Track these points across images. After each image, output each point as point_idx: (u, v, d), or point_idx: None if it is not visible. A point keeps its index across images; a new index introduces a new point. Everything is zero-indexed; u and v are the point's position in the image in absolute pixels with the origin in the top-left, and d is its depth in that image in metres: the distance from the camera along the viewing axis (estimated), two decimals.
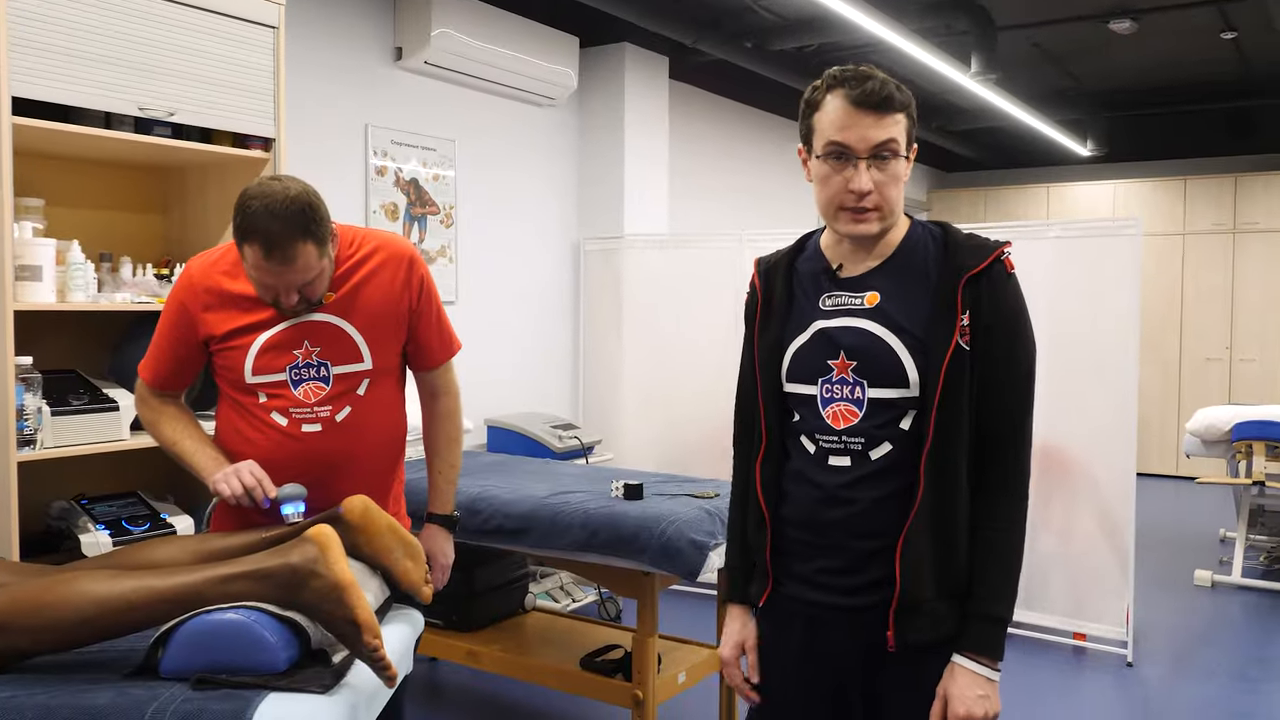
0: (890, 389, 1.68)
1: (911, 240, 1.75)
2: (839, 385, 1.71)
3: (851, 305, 1.73)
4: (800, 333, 1.77)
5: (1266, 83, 7.98)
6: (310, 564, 1.80)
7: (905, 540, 1.66)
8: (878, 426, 1.69)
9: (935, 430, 1.64)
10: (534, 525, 3.21)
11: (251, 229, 1.97)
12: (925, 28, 5.73)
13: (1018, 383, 1.71)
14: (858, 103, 1.64)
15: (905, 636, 1.67)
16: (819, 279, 1.78)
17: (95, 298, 2.87)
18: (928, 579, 1.66)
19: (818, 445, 1.74)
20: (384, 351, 2.23)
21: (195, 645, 1.73)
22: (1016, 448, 1.71)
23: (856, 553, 1.70)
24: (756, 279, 1.89)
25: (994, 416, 1.69)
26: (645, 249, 5.65)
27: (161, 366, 2.23)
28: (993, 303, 1.67)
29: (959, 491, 1.67)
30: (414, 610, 2.25)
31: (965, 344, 1.66)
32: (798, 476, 1.77)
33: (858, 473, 1.70)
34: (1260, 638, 4.86)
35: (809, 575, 1.76)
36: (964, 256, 1.69)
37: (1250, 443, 5.47)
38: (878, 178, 1.66)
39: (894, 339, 1.68)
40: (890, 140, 1.65)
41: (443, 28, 4.58)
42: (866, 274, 1.74)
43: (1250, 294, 8.84)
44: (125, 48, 2.75)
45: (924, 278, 1.70)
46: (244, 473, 2.05)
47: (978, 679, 1.64)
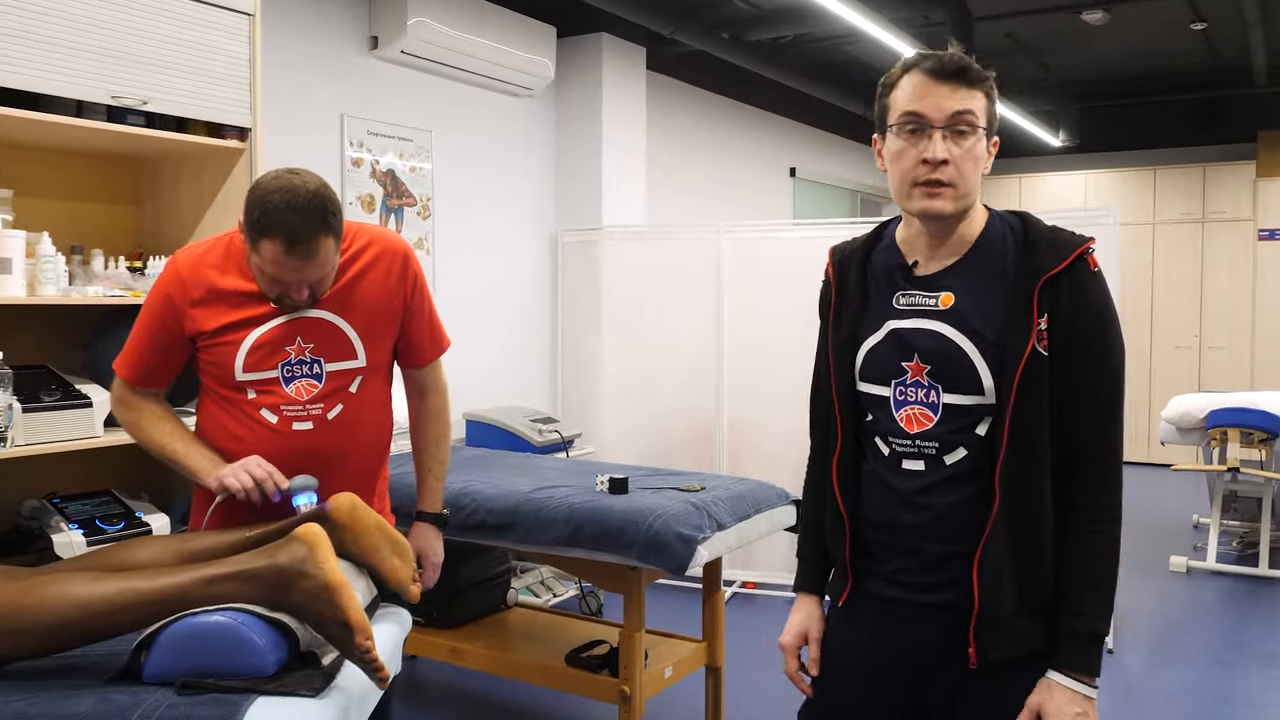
0: (965, 395, 1.61)
1: (989, 235, 1.66)
2: (913, 389, 1.65)
3: (925, 306, 1.65)
4: (874, 331, 1.70)
5: (1235, 73, 8.06)
6: (299, 564, 1.75)
7: (982, 554, 1.59)
8: (953, 432, 1.62)
9: (1009, 440, 1.57)
10: (518, 520, 3.17)
11: (274, 224, 1.92)
12: (902, 18, 5.73)
13: (1103, 387, 1.61)
14: (933, 72, 1.59)
15: (987, 653, 1.60)
16: (893, 275, 1.71)
17: (66, 291, 2.81)
18: (1009, 593, 1.59)
19: (891, 448, 1.68)
20: (377, 348, 2.19)
21: (180, 648, 1.69)
22: (1105, 455, 1.61)
23: (934, 556, 1.65)
24: (830, 269, 1.82)
25: (1079, 424, 1.59)
26: (624, 240, 5.61)
27: (143, 363, 2.16)
28: (1074, 304, 1.58)
29: (1039, 502, 1.59)
30: (401, 609, 2.21)
31: (1043, 349, 1.57)
32: (873, 478, 1.72)
33: (932, 478, 1.64)
34: (1236, 622, 4.90)
35: (887, 574, 1.71)
36: (1043, 255, 1.59)
37: (1225, 430, 5.52)
38: (954, 152, 1.58)
39: (968, 343, 1.60)
40: (967, 111, 1.58)
41: (419, 16, 4.52)
42: (941, 272, 1.66)
43: (1219, 282, 8.94)
44: (98, 34, 2.68)
45: (1001, 277, 1.62)
46: (252, 466, 2.00)
47: (1076, 697, 1.56)
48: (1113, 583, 1.61)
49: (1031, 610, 1.60)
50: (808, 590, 1.86)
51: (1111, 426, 1.62)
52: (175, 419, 2.17)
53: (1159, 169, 9.18)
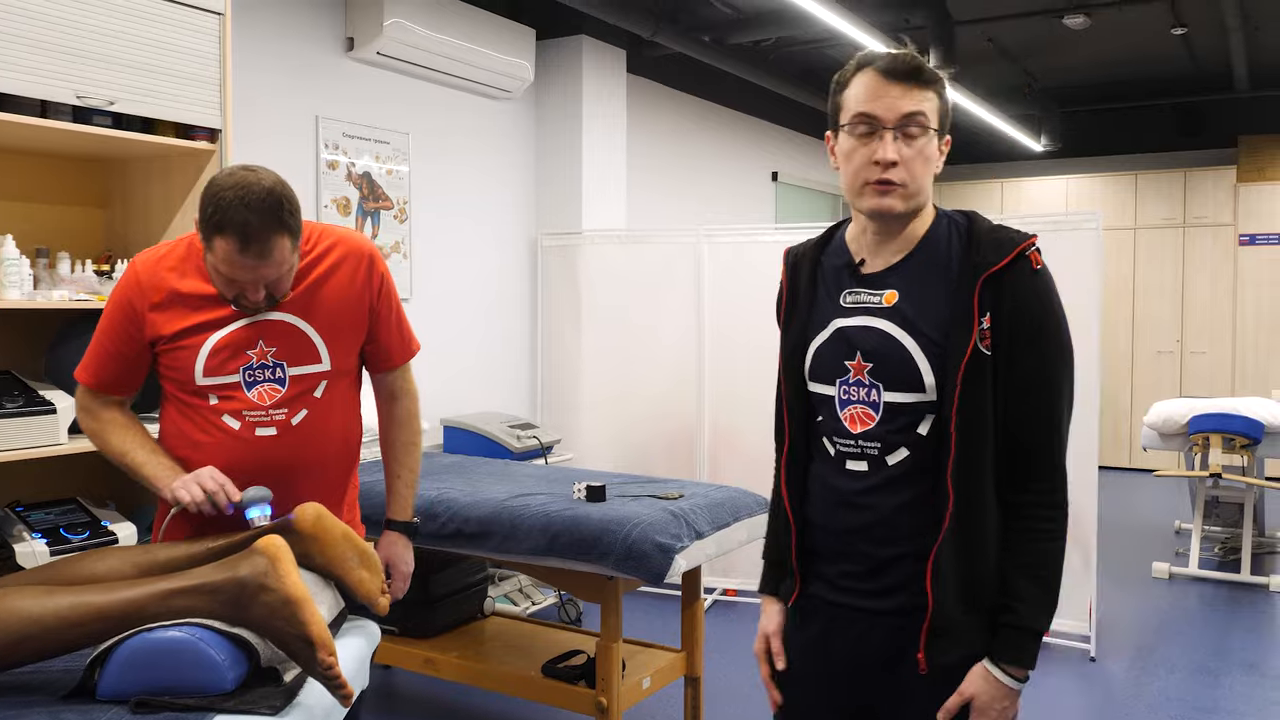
0: (905, 393, 1.61)
1: (935, 233, 1.66)
2: (856, 387, 1.65)
3: (870, 303, 1.66)
4: (821, 330, 1.71)
5: (1215, 78, 8.09)
6: (260, 577, 1.70)
7: (936, 558, 1.58)
8: (894, 432, 1.62)
9: (957, 440, 1.57)
10: (494, 529, 3.12)
11: (226, 221, 1.86)
12: (883, 22, 5.71)
13: (1048, 387, 1.60)
14: (886, 72, 1.59)
15: (935, 659, 1.60)
16: (841, 274, 1.72)
17: (31, 295, 2.75)
18: (958, 597, 1.59)
19: (836, 449, 1.69)
20: (342, 352, 2.14)
21: (135, 665, 1.64)
22: (1051, 455, 1.61)
23: (878, 559, 1.65)
24: (784, 271, 1.82)
25: (1024, 424, 1.59)
26: (604, 244, 5.57)
27: (104, 370, 2.10)
28: (1017, 302, 1.57)
29: (986, 504, 1.59)
30: (370, 622, 2.16)
31: (985, 348, 1.56)
32: (819, 479, 1.73)
33: (875, 479, 1.64)
34: (1219, 629, 4.89)
35: (832, 577, 1.72)
36: (985, 252, 1.59)
37: (1207, 435, 5.51)
38: (905, 152, 1.58)
39: (910, 341, 1.60)
40: (918, 113, 1.58)
41: (395, 17, 4.46)
42: (887, 270, 1.67)
43: (1200, 288, 8.96)
44: (63, 33, 2.63)
45: (945, 274, 1.62)
46: (204, 478, 1.94)
47: (1007, 689, 1.58)
48: (1057, 579, 1.61)
49: (975, 610, 1.61)
50: (769, 593, 1.86)
51: (1055, 425, 1.62)
52: (138, 427, 2.11)
53: (1140, 174, 9.20)
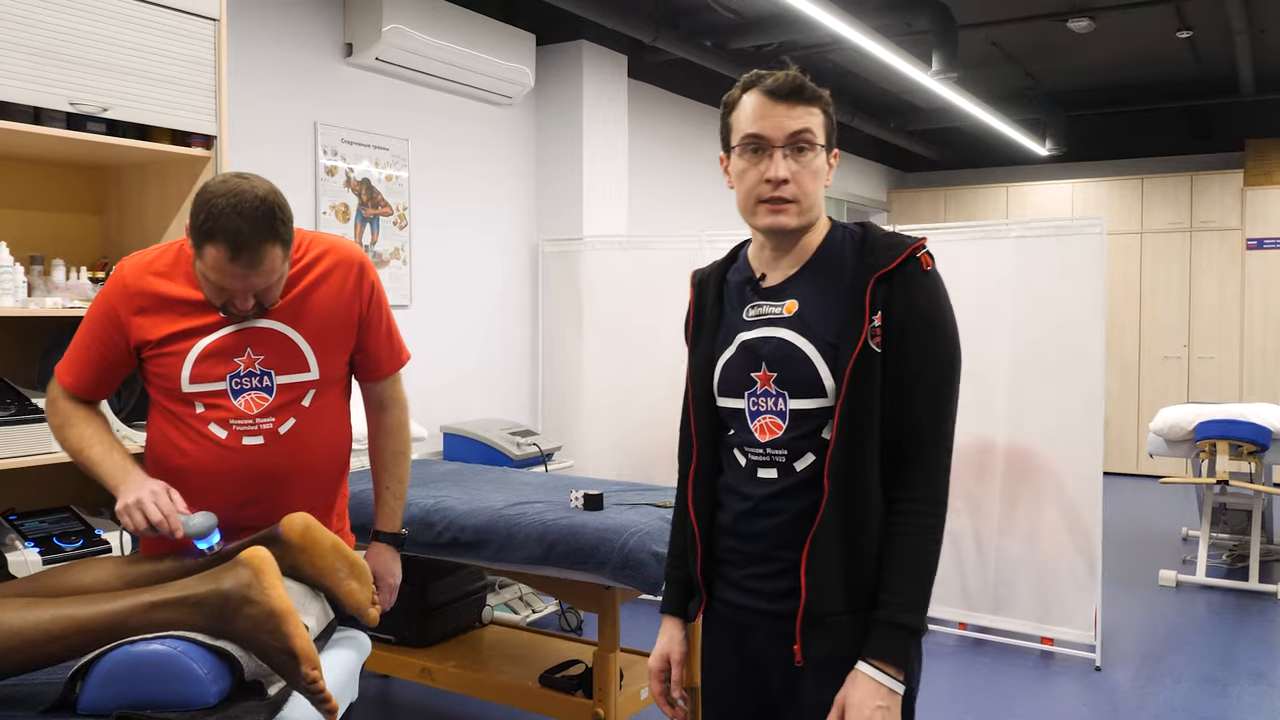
0: (809, 399, 1.64)
1: (831, 243, 1.71)
2: (764, 398, 1.69)
3: (771, 314, 1.70)
4: (727, 346, 1.75)
5: (1222, 82, 8.04)
6: (243, 590, 1.68)
7: (810, 550, 1.61)
8: (800, 438, 1.65)
9: (838, 435, 1.60)
10: (490, 538, 3.09)
11: (218, 229, 1.84)
12: (885, 25, 5.69)
13: (933, 384, 1.64)
14: (771, 93, 1.64)
15: (809, 650, 1.62)
16: (744, 289, 1.76)
17: (24, 302, 2.73)
18: (836, 591, 1.61)
19: (748, 458, 1.71)
20: (331, 361, 2.11)
21: (117, 678, 1.62)
22: (932, 453, 1.63)
23: (782, 562, 1.67)
24: (691, 292, 1.88)
25: (908, 422, 1.62)
26: (605, 250, 5.54)
27: (83, 372, 2.08)
28: (906, 301, 1.62)
29: (869, 500, 1.61)
30: (360, 633, 2.14)
31: (876, 345, 1.61)
32: (729, 489, 1.75)
33: (783, 484, 1.67)
34: (1227, 638, 4.84)
35: (739, 581, 1.74)
36: (877, 255, 1.65)
37: (1214, 441, 5.47)
38: (794, 169, 1.64)
39: (810, 347, 1.64)
40: (805, 130, 1.64)
41: (394, 23, 4.45)
42: (786, 281, 1.72)
43: (1207, 292, 8.90)
44: (56, 40, 2.61)
45: (840, 280, 1.67)
46: (149, 505, 1.87)
47: (880, 689, 1.56)
48: (929, 576, 1.62)
49: (858, 609, 1.61)
50: (670, 612, 1.88)
51: (938, 422, 1.64)
52: (99, 423, 2.07)
53: (1146, 178, 9.15)
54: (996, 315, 4.57)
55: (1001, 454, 4.59)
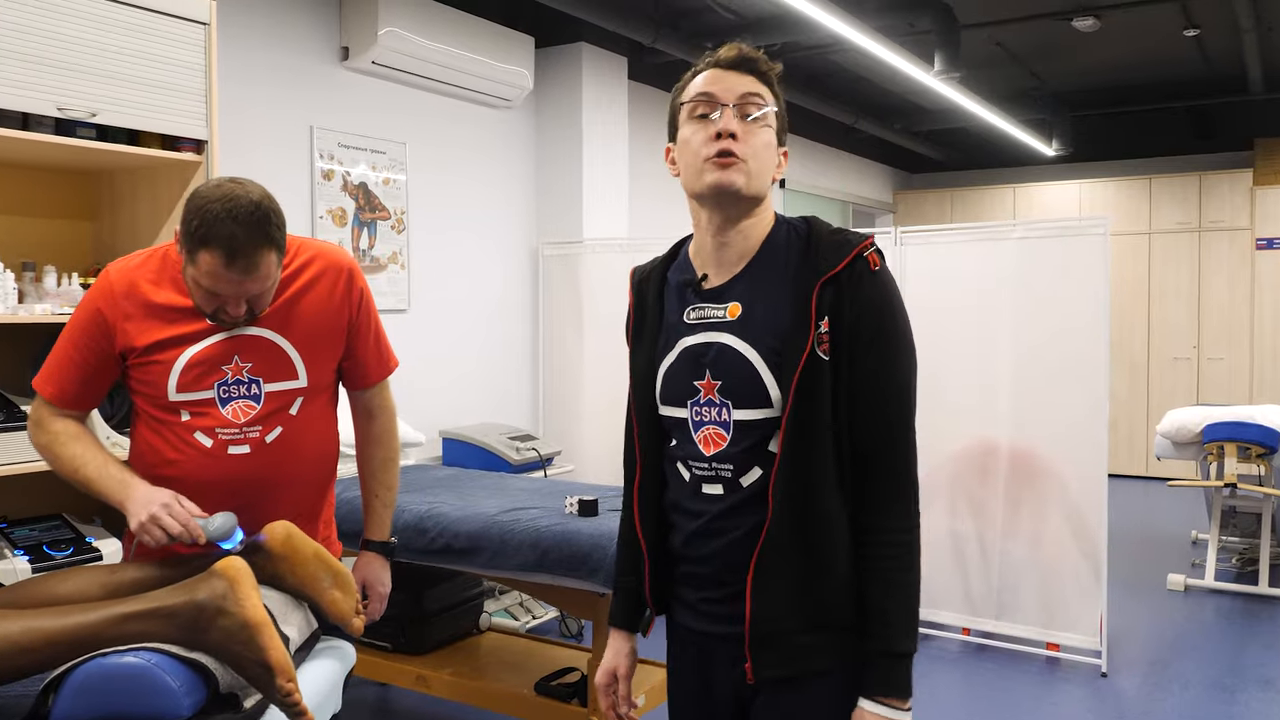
0: (753, 409, 1.54)
1: (775, 240, 1.61)
2: (707, 408, 1.58)
3: (714, 318, 1.59)
4: (669, 351, 1.64)
5: (1230, 81, 7.97)
6: (218, 600, 1.65)
7: (756, 570, 1.53)
8: (745, 451, 1.55)
9: (784, 450, 1.50)
10: (483, 545, 3.06)
11: (212, 234, 1.82)
12: (886, 25, 5.64)
13: (891, 391, 1.54)
14: (720, 64, 1.59)
15: (761, 671, 1.54)
16: (684, 291, 1.65)
17: (14, 309, 2.71)
18: (786, 609, 1.53)
19: (691, 473, 1.62)
20: (319, 368, 2.09)
21: (90, 691, 1.59)
22: (897, 463, 1.55)
23: (733, 586, 1.57)
24: (631, 292, 1.77)
25: (867, 431, 1.53)
26: (605, 253, 5.51)
27: (69, 382, 2.03)
28: (856, 305, 1.52)
29: (821, 514, 1.52)
30: (344, 643, 2.11)
31: (823, 353, 1.50)
32: (676, 507, 1.66)
33: (730, 501, 1.57)
34: (1235, 643, 4.78)
35: (695, 604, 1.66)
36: (823, 255, 1.54)
37: (1221, 444, 5.41)
38: (743, 130, 1.55)
39: (754, 354, 1.54)
40: (755, 94, 1.57)
41: (390, 26, 4.42)
42: (729, 282, 1.61)
43: (1217, 293, 8.83)
44: (43, 44, 2.59)
45: (784, 281, 1.57)
46: (165, 519, 1.84)
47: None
48: (915, 597, 1.54)
49: (818, 625, 1.54)
50: (618, 625, 1.81)
51: (898, 434, 1.55)
52: (90, 438, 2.03)
53: (1154, 178, 9.08)
54: (999, 316, 4.52)
55: (1005, 456, 4.54)
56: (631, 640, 1.80)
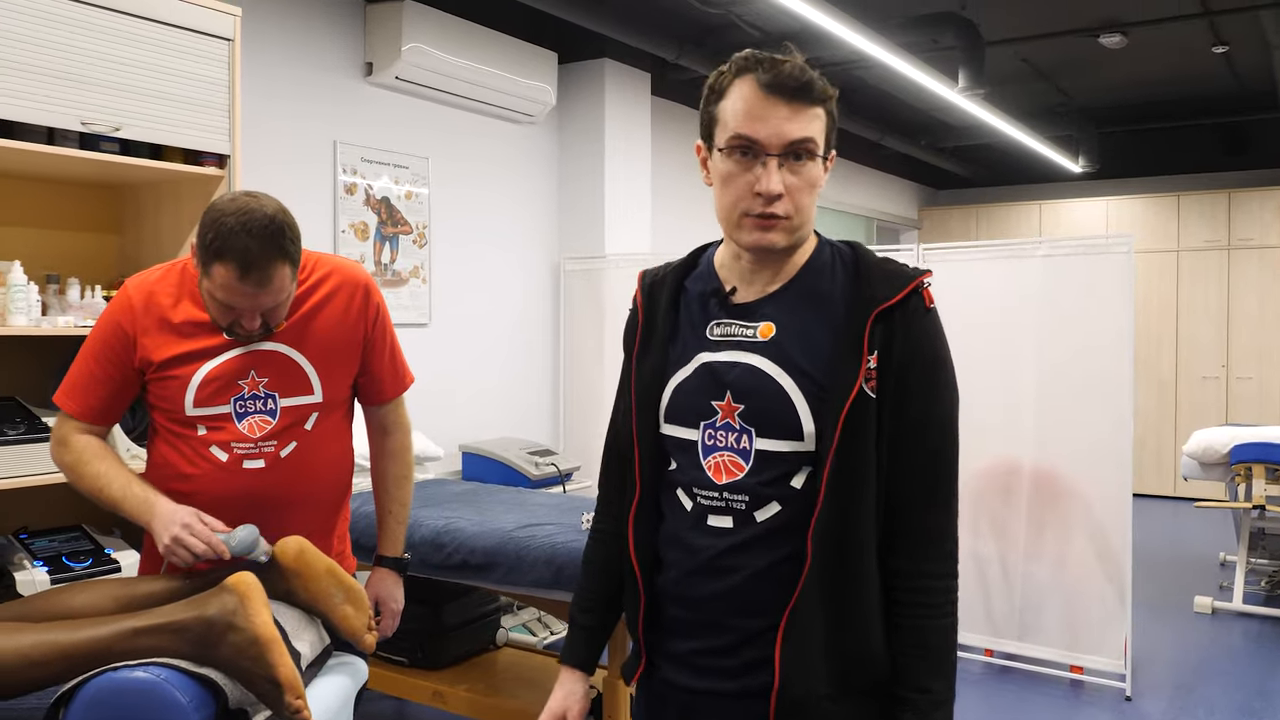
0: (781, 440, 1.41)
1: (818, 262, 1.48)
2: (724, 432, 1.44)
3: (742, 337, 1.46)
4: (683, 365, 1.50)
5: (1259, 97, 7.90)
6: (228, 616, 1.65)
7: (789, 622, 1.39)
8: (765, 484, 1.41)
9: (827, 491, 1.37)
10: (499, 560, 3.05)
11: (227, 248, 1.82)
12: (911, 42, 5.62)
13: (937, 435, 1.44)
14: (771, 88, 1.37)
15: None
16: (708, 302, 1.52)
17: (38, 321, 2.74)
18: (820, 671, 1.39)
19: (695, 501, 1.46)
20: (335, 384, 2.09)
21: (99, 705, 1.59)
22: (939, 510, 1.44)
23: (738, 632, 1.43)
24: (639, 296, 1.61)
25: (909, 476, 1.42)
26: (628, 269, 5.51)
27: (92, 397, 2.03)
28: (908, 342, 1.41)
29: (861, 567, 1.40)
30: (356, 659, 2.11)
31: (871, 390, 1.39)
32: (673, 540, 1.49)
33: (740, 536, 1.42)
34: (1264, 668, 4.70)
35: (685, 656, 1.48)
36: (876, 286, 1.42)
37: (1249, 465, 5.33)
38: (790, 181, 1.39)
39: (788, 380, 1.41)
40: (807, 139, 1.39)
41: (415, 42, 4.45)
42: (763, 300, 1.47)
43: (1246, 311, 8.72)
44: (68, 60, 2.63)
45: (828, 307, 1.44)
46: (189, 540, 1.84)
47: None
48: (953, 656, 1.43)
49: (851, 690, 1.41)
50: (572, 664, 1.64)
51: (941, 483, 1.44)
52: (113, 457, 2.03)
53: (1182, 195, 8.99)
54: (1023, 334, 4.48)
55: (1028, 476, 4.50)
56: (585, 682, 1.64)
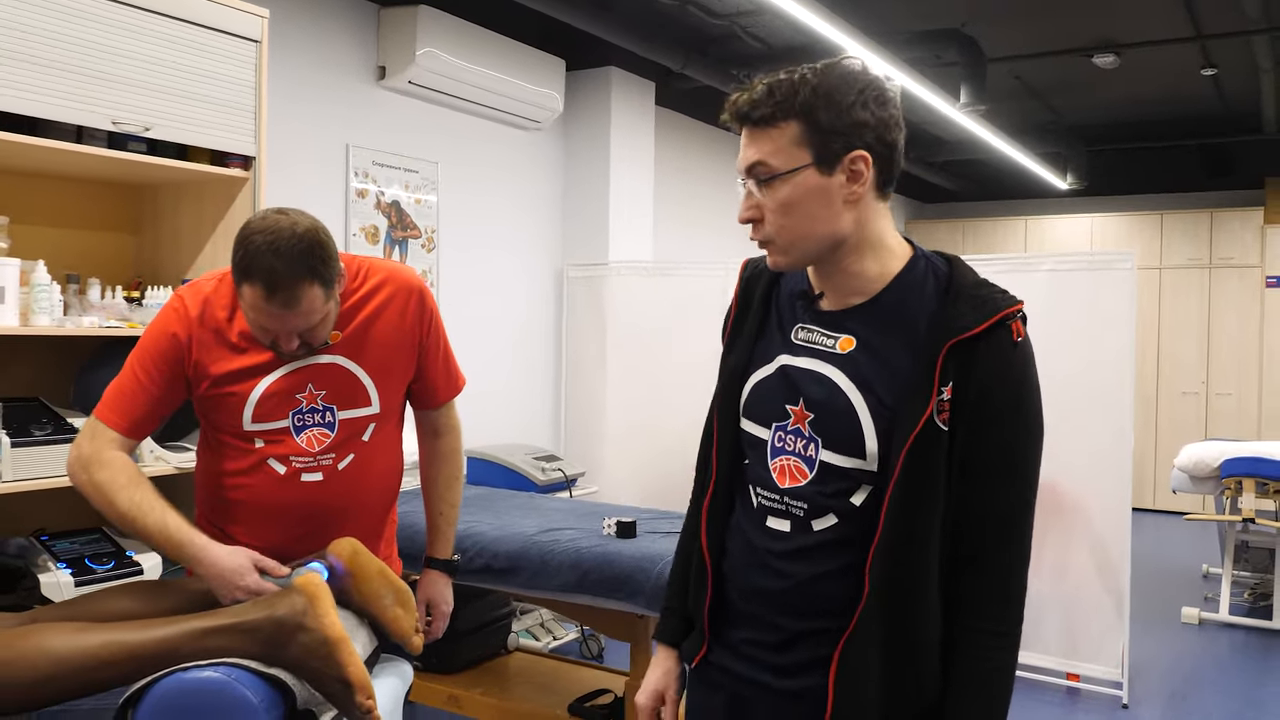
0: (844, 455, 1.40)
1: (909, 277, 1.43)
2: (793, 437, 1.43)
3: (823, 346, 1.44)
4: (765, 363, 1.50)
5: (1244, 119, 8.04)
6: (298, 616, 1.66)
7: (845, 648, 1.38)
8: (825, 495, 1.41)
9: (888, 519, 1.35)
10: (523, 565, 3.06)
11: (253, 267, 1.80)
12: (914, 58, 5.69)
13: (1016, 478, 1.39)
14: (733, 119, 1.42)
15: None
16: (795, 304, 1.51)
17: (60, 321, 2.71)
18: (873, 700, 1.37)
19: (758, 500, 1.48)
20: (391, 393, 2.08)
21: (169, 706, 1.59)
22: (1010, 558, 1.40)
23: (788, 632, 1.45)
24: (738, 286, 1.61)
25: (977, 517, 1.38)
26: (630, 276, 5.53)
27: (137, 409, 1.95)
28: (989, 375, 1.36)
29: (921, 599, 1.37)
30: (403, 661, 2.12)
31: (942, 423, 1.34)
32: (738, 531, 1.52)
33: (796, 542, 1.43)
34: (1252, 677, 4.78)
35: (736, 644, 1.51)
36: (961, 313, 1.37)
37: (1240, 479, 5.42)
38: (765, 203, 1.40)
39: (858, 397, 1.39)
40: (756, 163, 1.39)
41: (429, 47, 4.46)
42: (849, 310, 1.45)
43: (1226, 329, 8.86)
44: (99, 59, 2.61)
45: (911, 329, 1.39)
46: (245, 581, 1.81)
47: None
48: (1006, 704, 1.40)
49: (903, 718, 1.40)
50: (667, 643, 1.65)
51: (1017, 524, 1.40)
52: (148, 485, 1.91)
53: (1166, 214, 9.14)
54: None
55: None
56: (680, 661, 1.64)
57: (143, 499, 1.87)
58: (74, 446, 1.96)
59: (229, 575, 1.81)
